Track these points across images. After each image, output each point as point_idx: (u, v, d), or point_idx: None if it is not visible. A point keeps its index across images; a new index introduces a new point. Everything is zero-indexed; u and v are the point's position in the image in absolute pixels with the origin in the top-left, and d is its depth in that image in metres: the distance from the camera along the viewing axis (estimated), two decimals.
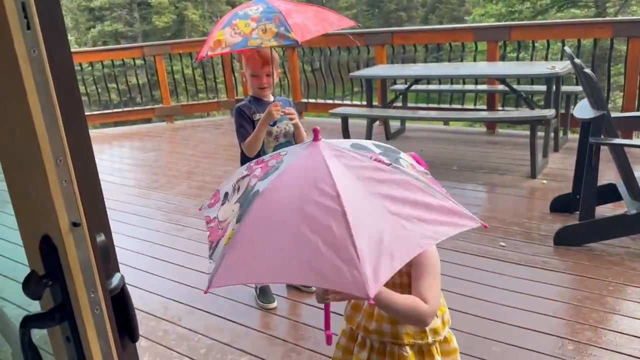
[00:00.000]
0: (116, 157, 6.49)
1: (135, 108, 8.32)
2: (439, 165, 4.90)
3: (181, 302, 3.01)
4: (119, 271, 0.91)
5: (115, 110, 7.96)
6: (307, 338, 2.57)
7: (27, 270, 0.79)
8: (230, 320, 2.79)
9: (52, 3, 0.75)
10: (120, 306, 0.89)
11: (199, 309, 2.93)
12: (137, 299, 2.91)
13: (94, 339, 0.83)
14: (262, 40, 2.28)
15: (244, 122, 2.61)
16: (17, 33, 0.69)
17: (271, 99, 2.66)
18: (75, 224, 0.78)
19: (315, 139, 1.27)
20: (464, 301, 2.75)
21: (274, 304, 2.87)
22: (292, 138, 2.67)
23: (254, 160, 1.37)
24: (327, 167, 1.18)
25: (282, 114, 2.56)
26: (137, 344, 0.95)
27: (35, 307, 0.88)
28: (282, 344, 2.56)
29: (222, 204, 1.33)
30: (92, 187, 0.83)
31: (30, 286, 0.78)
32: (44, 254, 0.79)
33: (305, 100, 7.34)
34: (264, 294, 2.93)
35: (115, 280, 0.88)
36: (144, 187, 5.11)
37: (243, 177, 1.32)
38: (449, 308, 2.75)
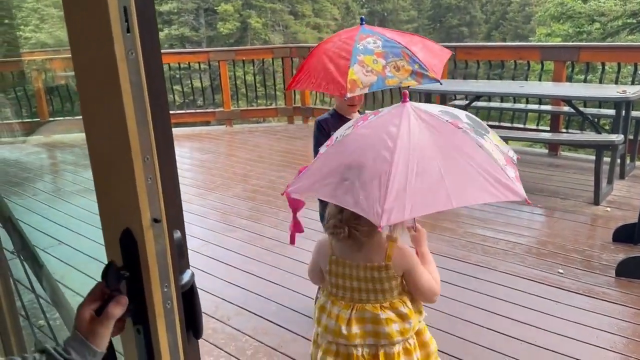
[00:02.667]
0: (176, 157, 6.68)
1: (197, 110, 8.58)
2: None
3: (231, 302, 3.07)
4: (189, 268, 0.95)
5: (177, 111, 8.23)
6: None
7: (87, 261, 0.83)
8: (279, 325, 2.81)
9: (148, 6, 0.79)
10: (189, 302, 0.93)
11: (248, 311, 2.97)
12: None
13: (163, 332, 0.86)
14: (400, 79, 2.15)
15: (322, 138, 2.33)
16: (118, 36, 0.74)
17: (356, 115, 2.44)
18: (156, 220, 0.81)
19: (404, 100, 1.53)
20: (515, 326, 2.67)
21: None
22: None
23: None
24: (399, 124, 1.44)
25: None
26: None
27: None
28: None
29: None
30: (173, 185, 0.87)
31: (109, 276, 0.82)
32: (124, 247, 0.83)
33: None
34: None
35: (186, 277, 0.92)
36: (202, 187, 5.24)
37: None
38: (501, 333, 2.69)
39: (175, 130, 8.13)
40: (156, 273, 0.83)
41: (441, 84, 2.24)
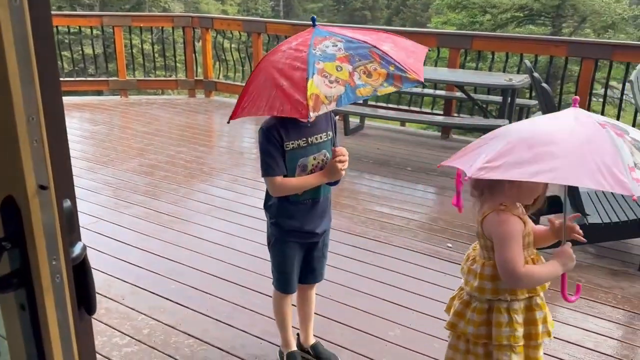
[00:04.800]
0: None
1: (88, 79, 8.02)
2: (394, 165, 4.98)
3: (125, 281, 2.94)
4: (81, 240, 0.88)
5: (66, 79, 7.64)
6: (255, 324, 2.57)
7: None
8: (177, 303, 2.74)
9: None
10: (80, 276, 0.87)
11: (144, 289, 2.87)
12: None
13: (52, 308, 0.80)
14: (374, 87, 1.76)
15: (273, 151, 1.93)
16: None
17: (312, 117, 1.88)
18: (42, 187, 0.74)
19: (574, 104, 1.62)
20: (409, 297, 2.82)
21: None
22: None
23: None
24: (562, 122, 1.57)
25: (344, 166, 2.00)
26: None
27: None
28: (229, 329, 2.54)
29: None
30: (62, 149, 0.80)
31: None
32: (5, 216, 0.76)
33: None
34: None
35: (77, 249, 0.85)
36: (92, 161, 4.94)
37: None
38: (395, 304, 2.82)
39: (64, 99, 7.55)
40: (43, 245, 0.76)
41: (423, 83, 1.88)
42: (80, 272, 0.86)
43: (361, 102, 6.22)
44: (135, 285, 2.90)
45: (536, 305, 1.67)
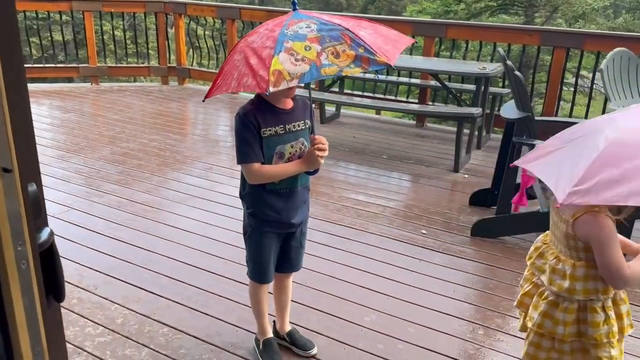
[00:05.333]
0: (33, 115, 6.05)
1: (58, 65, 7.81)
2: (369, 153, 5.00)
3: (98, 271, 2.89)
4: (48, 225, 0.86)
5: (35, 65, 7.42)
6: (231, 312, 2.56)
7: None
8: (151, 292, 2.71)
9: None
10: (48, 263, 0.84)
11: (117, 278, 2.83)
12: None
13: (18, 295, 0.78)
14: (340, 67, 1.75)
15: (249, 137, 1.92)
16: None
17: (289, 103, 2.01)
18: (5, 170, 0.72)
19: None
20: (384, 283, 2.84)
21: None
22: None
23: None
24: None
25: (323, 154, 1.98)
26: None
27: None
28: (204, 317, 2.52)
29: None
30: (27, 130, 0.77)
31: None
32: None
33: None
34: (268, 351, 2.26)
35: (44, 235, 0.83)
36: (63, 149, 4.82)
37: None
38: (371, 290, 2.84)
39: (32, 86, 7.35)
40: (7, 230, 0.74)
41: (392, 67, 1.86)
42: (48, 258, 0.84)
43: (337, 90, 6.21)
44: (108, 275, 2.86)
45: (620, 299, 1.69)
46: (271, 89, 1.67)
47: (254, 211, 2.06)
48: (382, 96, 6.65)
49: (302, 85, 1.85)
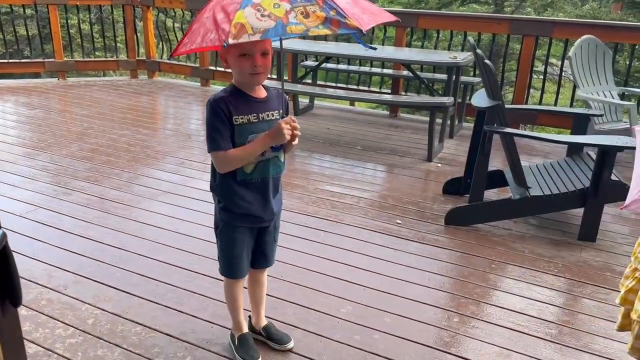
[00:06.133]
0: None
1: (23, 60, 7.59)
2: (343, 144, 4.99)
3: (67, 270, 2.82)
4: (0, 227, 0.82)
5: None
6: (205, 308, 2.53)
7: None
8: (122, 291, 2.66)
9: None
10: (1, 266, 0.80)
11: (87, 278, 2.76)
12: (18, 265, 2.67)
13: None
14: (307, 27, 1.68)
15: (220, 125, 1.86)
16: None
17: (263, 93, 1.95)
18: None
19: None
20: (359, 274, 2.84)
21: None
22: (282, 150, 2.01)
23: None
24: None
25: (290, 130, 1.89)
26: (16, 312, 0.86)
27: None
28: (178, 314, 2.48)
29: None
30: None
31: None
32: None
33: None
34: (244, 347, 2.22)
35: None
36: (29, 147, 4.69)
37: None
38: (347, 281, 2.84)
39: None
40: None
41: (363, 33, 1.75)
42: (1, 261, 0.80)
43: (310, 82, 6.18)
44: (78, 274, 2.79)
45: None
46: (230, 41, 1.59)
47: (225, 204, 2.02)
48: (355, 87, 6.65)
49: (275, 77, 1.82)
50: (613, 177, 3.22)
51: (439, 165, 4.60)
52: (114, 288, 2.68)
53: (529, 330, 2.44)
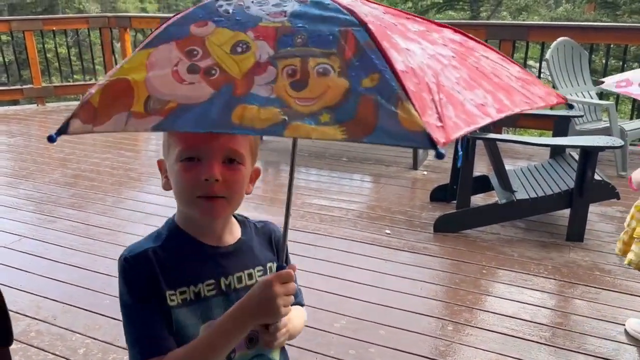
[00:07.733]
0: None
1: (1, 88, 7.51)
2: (329, 157, 4.99)
3: (55, 300, 2.77)
4: None
5: None
6: None
7: None
8: (113, 318, 2.61)
9: None
10: None
11: (76, 307, 2.71)
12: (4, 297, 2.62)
13: None
14: (285, 117, 0.76)
15: (140, 307, 1.01)
16: None
17: (230, 235, 1.08)
18: None
19: None
20: (352, 287, 2.83)
21: None
22: None
23: None
24: None
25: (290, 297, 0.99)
26: None
27: None
28: None
29: None
30: None
31: None
32: None
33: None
34: None
35: None
36: (10, 176, 4.63)
37: None
38: (339, 295, 2.82)
39: None
40: None
41: (440, 154, 0.66)
42: None
43: None
44: (67, 304, 2.74)
45: None
46: (70, 130, 0.80)
47: None
48: None
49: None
50: (596, 177, 3.26)
51: (425, 172, 4.62)
52: (104, 316, 2.63)
53: (522, 334, 2.44)
